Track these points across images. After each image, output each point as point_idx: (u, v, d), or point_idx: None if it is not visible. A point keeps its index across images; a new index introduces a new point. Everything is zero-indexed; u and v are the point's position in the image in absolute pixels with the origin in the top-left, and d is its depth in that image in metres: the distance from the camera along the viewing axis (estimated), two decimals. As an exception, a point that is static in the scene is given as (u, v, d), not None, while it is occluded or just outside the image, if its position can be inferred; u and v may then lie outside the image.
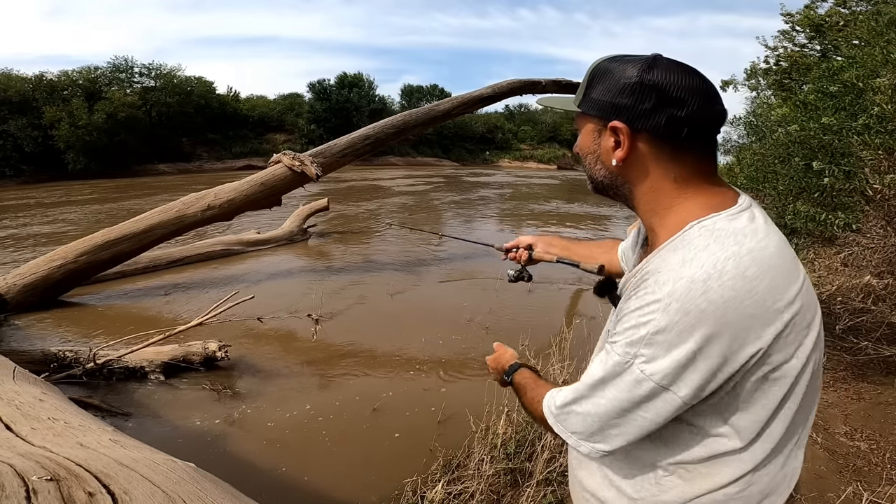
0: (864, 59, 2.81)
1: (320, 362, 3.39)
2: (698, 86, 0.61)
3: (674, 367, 0.58)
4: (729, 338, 0.57)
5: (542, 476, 1.94)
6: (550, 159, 36.30)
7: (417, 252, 6.94)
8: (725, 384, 0.60)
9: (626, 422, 0.65)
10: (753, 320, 0.57)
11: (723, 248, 0.58)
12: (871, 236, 3.49)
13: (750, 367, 0.59)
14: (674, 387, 0.59)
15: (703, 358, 0.57)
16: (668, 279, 0.59)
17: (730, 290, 0.56)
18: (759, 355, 0.58)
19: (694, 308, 0.56)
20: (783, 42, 8.45)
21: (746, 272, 0.57)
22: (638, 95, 0.61)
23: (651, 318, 0.59)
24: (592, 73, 0.67)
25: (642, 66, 0.61)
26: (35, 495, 0.79)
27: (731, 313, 0.56)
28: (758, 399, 0.62)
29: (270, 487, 2.14)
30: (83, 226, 8.47)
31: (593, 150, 0.69)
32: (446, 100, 6.04)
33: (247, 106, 29.67)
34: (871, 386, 2.87)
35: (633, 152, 0.64)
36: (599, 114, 0.65)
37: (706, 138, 0.64)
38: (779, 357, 0.60)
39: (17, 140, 19.20)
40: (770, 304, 0.58)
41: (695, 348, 0.57)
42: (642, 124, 0.61)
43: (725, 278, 0.56)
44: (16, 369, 1.97)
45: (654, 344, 0.59)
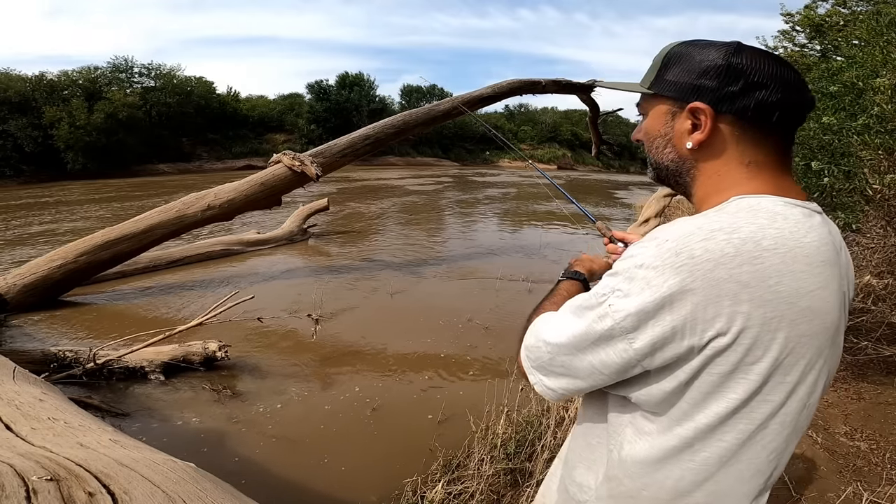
0: (864, 59, 2.81)
1: (320, 362, 3.39)
2: (787, 71, 0.58)
3: (638, 308, 0.53)
4: (705, 297, 0.51)
5: (542, 476, 1.94)
6: (550, 159, 36.31)
7: (417, 252, 6.94)
8: (682, 364, 0.54)
9: (574, 361, 0.61)
10: (743, 289, 0.51)
11: (752, 217, 0.55)
12: (871, 236, 3.48)
13: (717, 351, 0.53)
14: (632, 334, 0.55)
15: (669, 310, 0.52)
16: (676, 224, 0.56)
17: (733, 248, 0.51)
18: (729, 336, 0.52)
19: (685, 250, 0.52)
20: (783, 42, 8.44)
21: (762, 241, 0.52)
22: (725, 78, 0.58)
23: (643, 252, 0.55)
24: (667, 56, 0.64)
25: (728, 50, 0.59)
26: (35, 495, 0.79)
27: (722, 270, 0.51)
28: (713, 398, 0.56)
29: (270, 487, 2.14)
30: (83, 226, 8.47)
31: (664, 133, 0.65)
32: (446, 100, 6.04)
33: (247, 106, 29.67)
34: (871, 386, 2.87)
35: (712, 135, 0.61)
36: (677, 95, 0.62)
37: (792, 126, 0.60)
38: (758, 353, 0.53)
39: (16, 140, 19.19)
40: (773, 284, 0.52)
41: (666, 294, 0.52)
42: (727, 107, 0.59)
43: (735, 236, 0.52)
44: (16, 369, 1.97)
45: (634, 279, 0.54)
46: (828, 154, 2.87)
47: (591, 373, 0.60)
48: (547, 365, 0.65)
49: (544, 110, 41.48)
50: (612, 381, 0.61)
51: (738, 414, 0.56)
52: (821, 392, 0.61)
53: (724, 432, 0.57)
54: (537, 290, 5.14)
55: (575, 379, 0.63)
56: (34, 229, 8.39)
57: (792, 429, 0.59)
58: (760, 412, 0.56)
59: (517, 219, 10.59)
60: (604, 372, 0.59)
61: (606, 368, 0.59)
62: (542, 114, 40.96)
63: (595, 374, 0.60)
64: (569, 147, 38.81)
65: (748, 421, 0.56)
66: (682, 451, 0.59)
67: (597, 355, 0.59)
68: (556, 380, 0.65)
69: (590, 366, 0.60)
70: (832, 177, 2.76)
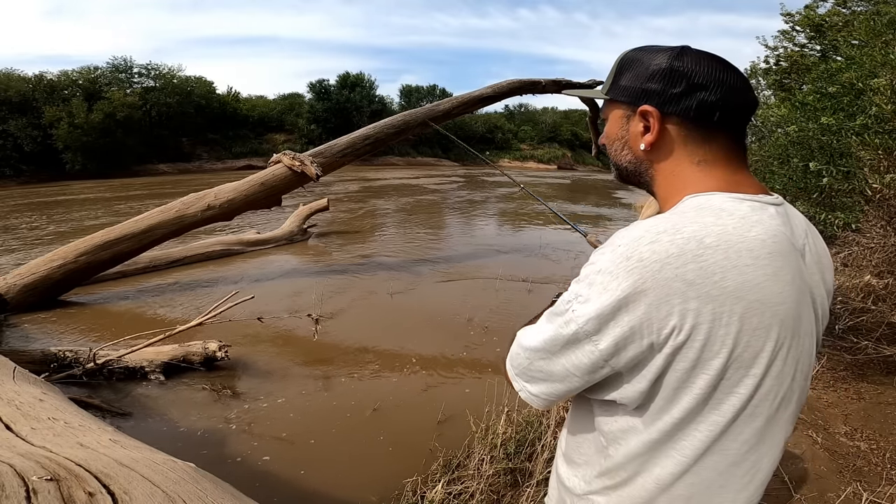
0: (863, 59, 2.81)
1: (320, 362, 3.39)
2: (728, 73, 0.61)
3: (598, 312, 0.56)
4: (657, 297, 0.54)
5: (542, 476, 1.94)
6: (550, 159, 36.28)
7: (417, 252, 6.94)
8: (647, 363, 0.57)
9: (549, 365, 0.64)
10: (689, 287, 0.53)
11: (697, 217, 0.57)
12: (871, 236, 3.48)
13: (675, 348, 0.55)
14: (595, 336, 0.57)
15: (626, 311, 0.55)
16: (630, 230, 0.58)
17: (676, 248, 0.54)
18: (684, 332, 0.54)
19: (635, 254, 0.55)
20: (783, 42, 8.45)
21: (704, 239, 0.55)
22: (668, 80, 0.61)
23: (600, 259, 0.58)
24: (621, 62, 0.68)
25: (672, 54, 0.62)
26: (35, 495, 0.79)
27: (668, 270, 0.53)
28: (681, 392, 0.58)
29: (270, 487, 2.14)
30: (83, 225, 8.47)
31: (621, 136, 0.69)
32: (446, 100, 6.04)
33: (247, 106, 29.64)
34: (871, 386, 2.87)
35: (662, 136, 0.64)
36: (629, 100, 0.66)
37: (736, 125, 0.63)
38: (714, 348, 0.55)
39: (16, 140, 19.19)
40: (718, 280, 0.54)
41: (621, 296, 0.55)
42: (672, 108, 0.62)
43: (678, 236, 0.55)
44: (16, 369, 1.97)
45: (594, 284, 0.57)
46: (826, 154, 2.87)
47: (565, 375, 0.63)
48: (527, 371, 0.67)
49: (544, 110, 41.46)
50: (585, 383, 0.63)
51: (706, 406, 0.58)
52: (796, 384, 0.62)
53: (698, 423, 0.59)
54: (537, 290, 5.14)
55: (553, 383, 0.65)
56: (34, 229, 8.39)
57: (765, 421, 0.60)
58: (729, 404, 0.58)
59: (518, 219, 10.59)
60: (576, 374, 0.62)
61: (577, 370, 0.61)
62: (542, 114, 40.91)
63: (569, 376, 0.63)
64: (569, 147, 38.77)
65: (718, 413, 0.58)
66: (664, 444, 0.61)
67: (568, 358, 0.61)
68: (538, 385, 0.67)
69: (563, 368, 0.62)
70: (831, 177, 2.76)
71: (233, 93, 29.97)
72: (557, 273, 5.86)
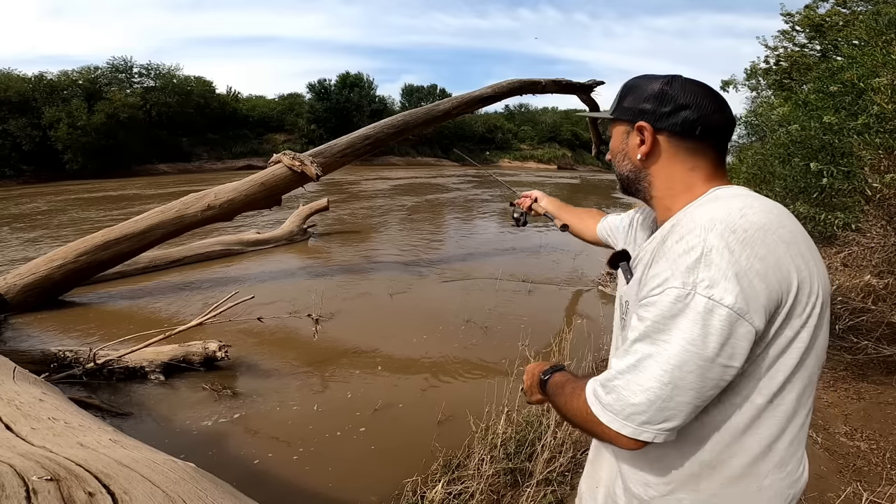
0: (864, 59, 2.80)
1: (320, 362, 3.39)
2: (708, 96, 0.72)
3: (740, 287, 0.56)
4: (775, 259, 0.59)
5: (542, 476, 1.94)
6: (550, 159, 36.29)
7: (417, 252, 6.94)
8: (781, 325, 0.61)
9: (704, 375, 0.58)
10: (789, 247, 0.61)
11: (746, 199, 0.66)
12: (871, 236, 3.48)
13: (792, 304, 0.60)
14: (748, 314, 0.57)
15: (761, 278, 0.57)
16: (703, 213, 0.64)
17: (764, 217, 0.62)
18: (796, 288, 0.60)
19: (738, 226, 0.59)
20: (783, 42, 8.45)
21: (772, 210, 0.64)
22: (659, 101, 0.72)
23: (699, 240, 0.60)
24: (624, 87, 0.79)
25: (664, 80, 0.74)
26: (35, 495, 0.79)
27: (770, 235, 0.60)
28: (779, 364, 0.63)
29: (270, 487, 2.14)
30: (82, 225, 8.47)
31: (622, 149, 0.80)
32: (446, 100, 6.04)
33: (247, 106, 29.66)
34: (871, 386, 2.86)
35: (655, 147, 0.74)
36: (628, 118, 0.77)
37: (717, 139, 0.73)
38: (812, 301, 0.61)
39: (16, 140, 19.20)
40: (800, 241, 0.63)
41: (745, 264, 0.57)
42: (662, 124, 0.72)
43: (755, 209, 0.63)
44: (16, 369, 1.97)
45: (712, 264, 0.57)
46: (828, 154, 2.87)
47: (721, 376, 0.59)
48: (668, 403, 0.59)
49: (544, 110, 41.48)
50: (739, 372, 0.61)
51: (801, 364, 0.64)
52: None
53: (793, 380, 0.64)
54: (537, 290, 5.13)
55: (705, 393, 0.60)
56: (34, 229, 8.39)
57: (816, 375, 0.68)
58: (811, 361, 0.65)
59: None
60: (735, 364, 0.59)
61: (736, 360, 0.59)
62: (542, 114, 40.93)
63: (726, 372, 0.59)
64: (569, 147, 38.78)
65: (804, 369, 0.65)
66: (766, 409, 0.65)
67: (726, 352, 0.58)
68: (683, 410, 0.60)
69: (721, 368, 0.58)
70: (831, 177, 2.76)
71: (233, 93, 29.99)
72: (557, 273, 5.86)
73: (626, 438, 0.62)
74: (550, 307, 4.69)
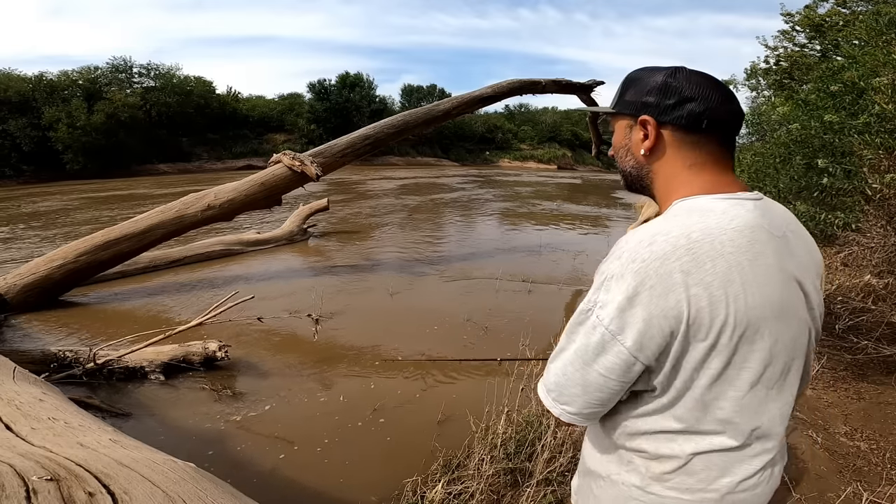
0: (865, 58, 2.80)
1: (320, 362, 3.39)
2: (714, 87, 0.69)
3: (616, 310, 0.63)
4: (663, 288, 0.61)
5: (542, 476, 1.94)
6: (550, 159, 36.28)
7: (417, 252, 6.94)
8: (671, 349, 0.64)
9: (585, 377, 0.68)
10: (688, 276, 0.61)
11: (685, 218, 0.66)
12: (871, 236, 3.48)
13: (688, 330, 0.62)
14: (620, 336, 0.64)
15: (640, 305, 0.62)
16: (629, 238, 0.67)
17: (670, 245, 0.62)
18: (692, 316, 0.62)
19: (638, 257, 0.63)
20: (783, 42, 8.45)
21: (692, 234, 0.63)
22: (663, 94, 0.70)
23: (608, 266, 0.66)
24: (625, 80, 0.77)
25: (667, 72, 0.71)
26: (35, 495, 0.79)
27: (667, 264, 0.62)
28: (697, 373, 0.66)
29: (270, 487, 2.14)
30: (82, 225, 8.47)
31: (625, 144, 0.78)
32: (446, 100, 6.03)
33: (247, 106, 29.64)
34: (871, 386, 2.86)
35: (658, 142, 0.73)
36: (631, 111, 0.75)
37: (724, 132, 0.71)
38: (719, 330, 0.63)
39: (15, 140, 19.19)
40: (709, 268, 0.61)
41: (631, 293, 0.62)
42: (666, 117, 0.70)
43: (670, 236, 0.63)
44: (16, 369, 1.97)
45: (608, 289, 0.65)
46: (829, 153, 2.87)
47: (602, 383, 0.68)
48: (564, 390, 0.71)
49: (544, 110, 41.43)
50: (622, 386, 0.68)
51: (722, 382, 0.66)
52: (798, 353, 0.70)
53: (718, 399, 0.67)
54: (537, 290, 5.13)
55: (592, 393, 0.69)
56: (34, 229, 8.39)
57: (773, 390, 0.69)
58: (743, 379, 0.66)
59: (518, 218, 10.59)
60: (612, 377, 0.67)
61: (612, 373, 0.66)
62: (542, 114, 40.90)
63: (606, 381, 0.67)
64: (569, 147, 38.76)
65: (734, 389, 0.66)
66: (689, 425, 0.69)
67: (601, 363, 0.66)
68: (577, 402, 0.71)
69: (598, 375, 0.67)
70: (831, 176, 2.76)
71: (233, 93, 29.97)
72: (557, 273, 5.86)
73: (552, 412, 0.74)
74: (551, 307, 4.69)
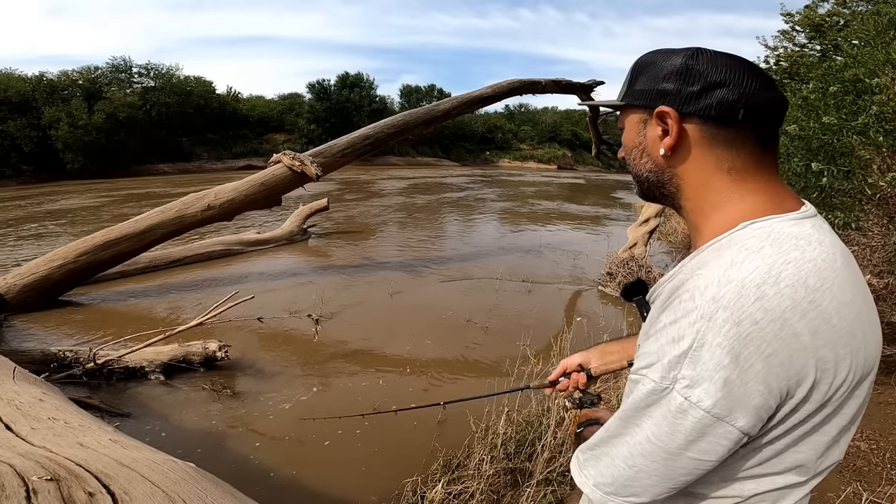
0: (865, 58, 2.80)
1: (320, 362, 3.39)
2: (748, 69, 0.56)
3: (721, 388, 0.49)
4: (788, 355, 0.49)
5: (542, 476, 1.94)
6: (550, 159, 36.28)
7: (417, 252, 6.94)
8: (787, 416, 0.52)
9: (669, 466, 0.54)
10: (815, 337, 0.49)
11: (781, 252, 0.51)
12: (872, 235, 3.48)
13: (806, 394, 0.51)
14: (729, 417, 0.50)
15: (753, 378, 0.48)
16: (711, 283, 0.51)
17: (788, 300, 0.49)
18: (816, 379, 0.50)
19: (746, 318, 0.48)
20: (783, 42, 8.45)
21: (808, 281, 0.50)
22: (684, 79, 0.56)
23: (692, 330, 0.50)
24: (635, 66, 0.63)
25: (687, 54, 0.58)
26: (35, 495, 0.79)
27: (790, 326, 0.48)
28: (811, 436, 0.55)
29: (270, 487, 2.14)
30: (81, 226, 8.47)
31: (639, 143, 0.63)
32: (446, 100, 6.04)
33: (247, 106, 29.64)
34: (871, 386, 2.86)
35: (682, 139, 0.58)
36: (644, 103, 0.60)
37: (766, 126, 0.57)
38: (840, 388, 0.52)
39: (15, 140, 19.19)
40: (835, 323, 0.50)
41: (743, 365, 0.48)
42: (690, 108, 0.56)
43: (783, 285, 0.49)
44: (16, 369, 1.97)
45: (699, 362, 0.49)
46: (828, 154, 2.87)
47: (694, 467, 0.54)
48: (631, 483, 0.57)
49: (544, 110, 41.44)
50: (719, 463, 0.55)
51: (812, 431, 0.56)
52: None
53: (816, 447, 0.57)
54: (537, 290, 5.14)
55: (675, 480, 0.56)
56: (34, 229, 8.39)
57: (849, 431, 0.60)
58: (835, 425, 0.56)
59: (518, 218, 10.59)
60: (710, 459, 0.53)
61: (713, 455, 0.53)
62: (542, 114, 40.90)
63: (701, 465, 0.54)
64: (569, 147, 38.76)
65: (823, 434, 0.56)
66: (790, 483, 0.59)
67: (697, 448, 0.53)
68: (649, 490, 0.57)
69: (691, 461, 0.54)
70: (831, 176, 2.76)
71: (233, 93, 29.97)
72: (557, 273, 5.86)
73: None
74: (551, 307, 4.69)
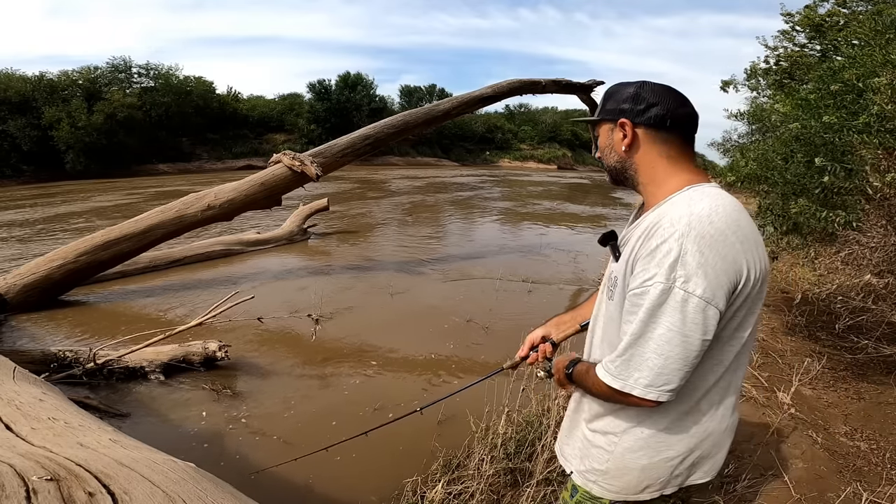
0: (864, 58, 2.80)
1: (320, 362, 3.39)
2: (672, 95, 0.90)
3: (703, 279, 0.76)
4: (732, 256, 0.78)
5: (542, 476, 1.94)
6: (550, 159, 36.29)
7: (417, 252, 6.94)
8: (735, 303, 0.82)
9: (686, 349, 0.79)
10: (743, 244, 0.80)
11: (714, 199, 0.83)
12: (872, 235, 3.48)
13: (745, 295, 0.81)
14: (714, 301, 0.77)
15: (723, 272, 0.77)
16: (683, 215, 0.80)
17: (724, 223, 0.79)
18: (745, 277, 0.80)
19: (706, 233, 0.77)
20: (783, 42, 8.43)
21: (731, 214, 0.82)
22: (635, 101, 0.90)
23: (677, 244, 0.77)
24: (606, 94, 0.97)
25: (637, 85, 0.92)
26: (35, 495, 0.79)
27: (730, 237, 0.79)
28: (745, 323, 0.86)
29: (270, 487, 2.14)
30: (82, 226, 8.47)
31: (609, 144, 0.96)
32: (446, 100, 6.03)
33: (247, 106, 29.62)
34: (871, 386, 2.86)
35: (635, 140, 0.92)
36: (612, 117, 0.94)
37: (685, 130, 0.91)
38: (755, 289, 0.83)
39: (15, 140, 19.18)
40: (752, 239, 0.82)
41: (715, 264, 0.76)
42: (639, 119, 0.90)
43: (721, 214, 0.80)
44: (16, 369, 1.97)
45: (686, 264, 0.76)
46: (829, 153, 2.86)
47: (700, 347, 0.79)
48: (665, 371, 0.80)
49: (544, 110, 41.41)
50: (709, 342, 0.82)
51: (744, 324, 0.86)
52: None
53: (738, 340, 0.87)
54: (537, 290, 5.13)
55: (691, 362, 0.80)
56: (34, 229, 8.39)
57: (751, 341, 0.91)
58: (750, 323, 0.87)
59: (518, 218, 10.59)
60: (708, 337, 0.79)
61: (709, 334, 0.79)
62: (542, 114, 40.87)
63: (704, 344, 0.79)
64: (569, 147, 38.76)
65: (745, 328, 0.87)
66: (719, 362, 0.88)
67: (703, 328, 0.78)
68: (676, 376, 0.81)
69: (699, 342, 0.79)
70: (832, 175, 2.76)
71: (233, 93, 29.95)
72: (558, 273, 5.86)
73: (636, 398, 0.83)
74: (551, 306, 4.68)
